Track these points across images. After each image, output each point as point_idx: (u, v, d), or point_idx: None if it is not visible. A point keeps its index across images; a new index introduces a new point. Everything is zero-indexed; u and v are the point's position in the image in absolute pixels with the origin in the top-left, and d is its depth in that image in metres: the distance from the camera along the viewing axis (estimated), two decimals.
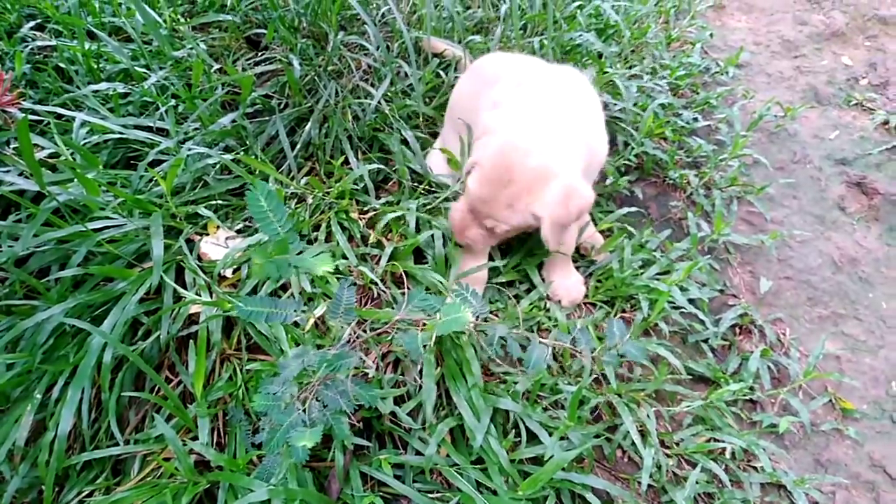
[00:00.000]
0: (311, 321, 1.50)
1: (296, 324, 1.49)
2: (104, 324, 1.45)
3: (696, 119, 2.39)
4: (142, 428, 1.50)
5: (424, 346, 1.02)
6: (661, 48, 2.67)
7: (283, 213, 0.85)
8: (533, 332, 1.53)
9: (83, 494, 1.39)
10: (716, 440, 1.53)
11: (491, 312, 1.67)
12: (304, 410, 1.04)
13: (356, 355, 1.04)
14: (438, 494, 1.34)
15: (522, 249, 1.78)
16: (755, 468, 1.54)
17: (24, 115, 1.57)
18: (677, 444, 1.53)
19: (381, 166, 1.91)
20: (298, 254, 0.84)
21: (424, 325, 1.16)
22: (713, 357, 1.73)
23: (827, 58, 2.88)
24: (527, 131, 1.42)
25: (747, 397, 1.66)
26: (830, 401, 1.70)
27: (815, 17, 3.18)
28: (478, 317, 1.12)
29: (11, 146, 1.75)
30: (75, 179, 1.65)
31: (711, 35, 2.99)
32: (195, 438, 1.38)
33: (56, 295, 1.50)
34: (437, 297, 1.10)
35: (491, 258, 1.73)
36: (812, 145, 2.38)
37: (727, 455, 1.53)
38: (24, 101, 1.79)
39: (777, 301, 1.89)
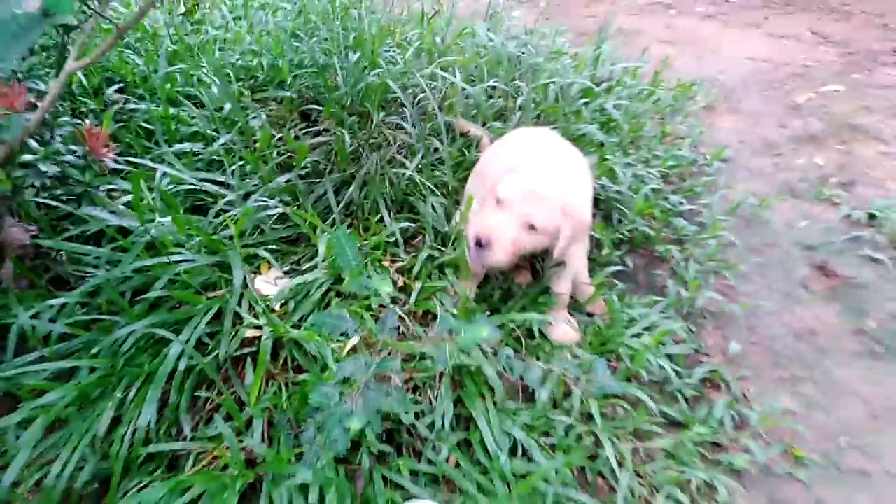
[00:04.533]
0: (348, 347, 1.80)
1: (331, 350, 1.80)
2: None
3: (681, 203, 2.75)
4: (196, 430, 1.77)
5: (448, 360, 1.32)
6: (655, 141, 3.05)
7: (356, 251, 1.17)
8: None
9: (142, 485, 1.65)
10: (683, 473, 1.79)
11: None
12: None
13: (397, 361, 1.33)
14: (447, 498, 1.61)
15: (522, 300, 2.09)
16: (716, 501, 1.78)
17: (134, 168, 1.91)
18: (650, 475, 1.79)
19: (411, 224, 2.27)
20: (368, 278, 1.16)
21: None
22: (686, 405, 2.00)
23: (803, 157, 3.26)
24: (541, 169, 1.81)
25: (712, 440, 1.92)
26: (785, 450, 1.94)
27: (795, 121, 3.58)
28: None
29: (101, 189, 2.10)
30: (156, 219, 1.99)
31: (701, 132, 3.37)
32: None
33: (136, 314, 1.81)
34: (460, 321, 1.40)
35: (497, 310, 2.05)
36: (783, 232, 2.72)
37: (693, 487, 1.79)
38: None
39: (744, 362, 2.17)
